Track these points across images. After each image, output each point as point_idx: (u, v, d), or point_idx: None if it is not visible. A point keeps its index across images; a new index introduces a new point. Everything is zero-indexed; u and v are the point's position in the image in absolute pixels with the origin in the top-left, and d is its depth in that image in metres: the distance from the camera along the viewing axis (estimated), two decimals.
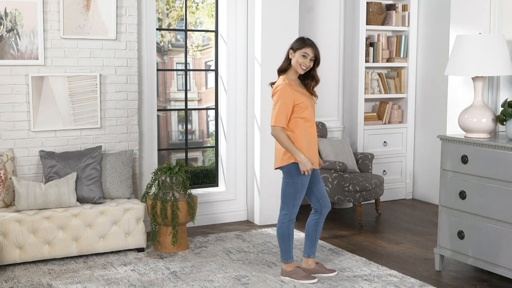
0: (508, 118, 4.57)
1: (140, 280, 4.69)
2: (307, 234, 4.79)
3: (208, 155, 7.48)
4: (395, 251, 5.49)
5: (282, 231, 4.63)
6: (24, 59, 5.29)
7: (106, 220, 5.16)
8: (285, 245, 4.66)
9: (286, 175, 4.56)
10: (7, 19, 5.21)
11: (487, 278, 4.79)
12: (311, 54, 4.47)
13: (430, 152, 7.30)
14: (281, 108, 4.42)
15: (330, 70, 7.12)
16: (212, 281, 4.68)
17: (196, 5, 6.98)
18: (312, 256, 4.81)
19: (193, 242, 5.66)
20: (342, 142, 6.79)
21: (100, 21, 5.53)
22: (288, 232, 4.62)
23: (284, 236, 4.64)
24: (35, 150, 5.40)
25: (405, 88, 7.40)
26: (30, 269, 4.89)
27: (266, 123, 6.17)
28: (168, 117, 7.30)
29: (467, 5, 5.18)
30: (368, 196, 6.28)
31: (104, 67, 5.61)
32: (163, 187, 5.31)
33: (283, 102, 4.42)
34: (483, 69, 4.59)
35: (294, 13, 6.23)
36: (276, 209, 6.21)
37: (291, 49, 4.52)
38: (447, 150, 4.80)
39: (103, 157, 5.47)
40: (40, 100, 5.35)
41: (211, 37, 6.95)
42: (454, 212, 4.78)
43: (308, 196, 4.72)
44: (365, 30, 7.07)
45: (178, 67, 7.33)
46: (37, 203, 5.06)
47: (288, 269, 4.71)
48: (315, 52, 4.49)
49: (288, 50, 4.55)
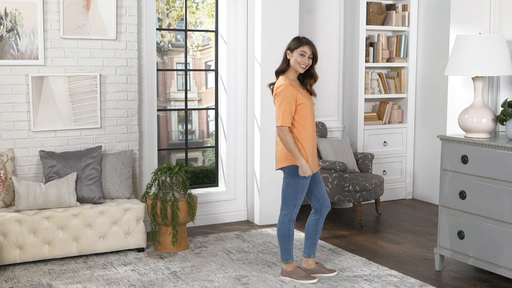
0: (508, 118, 4.57)
1: (140, 280, 4.69)
2: (307, 234, 4.79)
3: (208, 155, 7.48)
4: (395, 251, 5.49)
5: (282, 231, 4.64)
6: (24, 59, 5.29)
7: (106, 220, 5.16)
8: (285, 245, 4.66)
9: (287, 176, 4.56)
10: (7, 19, 5.21)
11: (487, 278, 4.79)
12: (309, 52, 4.48)
13: (430, 152, 7.30)
14: (286, 108, 4.42)
15: (330, 70, 7.12)
16: (212, 281, 4.68)
17: (196, 5, 6.97)
18: (312, 256, 4.81)
19: (193, 242, 5.66)
20: (342, 142, 6.79)
21: (100, 21, 5.53)
22: (288, 232, 4.63)
23: (284, 236, 4.64)
24: (35, 150, 5.40)
25: (405, 88, 7.40)
26: (30, 269, 4.89)
27: (266, 123, 6.17)
28: (168, 117, 7.30)
29: (467, 5, 5.18)
30: (368, 196, 6.28)
31: (104, 67, 5.61)
32: (163, 187, 5.31)
33: (287, 102, 4.42)
34: (483, 69, 4.59)
35: (294, 13, 6.23)
36: (276, 209, 6.21)
37: (288, 49, 4.52)
38: (447, 150, 4.80)
39: (103, 157, 5.47)
40: (40, 100, 5.35)
41: (211, 37, 6.95)
42: (454, 212, 4.78)
43: (308, 196, 4.72)
44: (365, 30, 7.07)
45: (178, 67, 7.33)
46: (37, 203, 5.06)
47: (288, 269, 4.71)
48: (313, 50, 4.49)
49: (285, 51, 4.55)
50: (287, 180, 4.56)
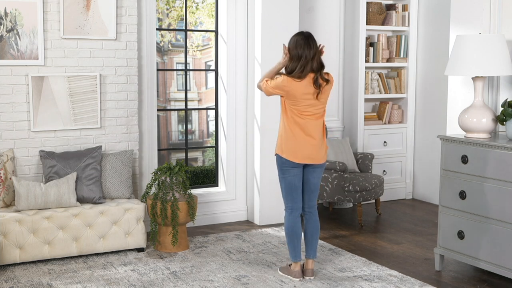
0: (508, 118, 4.57)
1: (140, 280, 4.69)
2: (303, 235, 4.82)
3: (208, 155, 7.48)
4: (395, 251, 5.49)
5: (285, 227, 4.68)
6: (24, 59, 5.29)
7: (106, 220, 5.16)
8: (288, 241, 4.67)
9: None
10: (7, 19, 5.21)
11: (487, 278, 4.79)
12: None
13: (430, 152, 7.30)
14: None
15: (330, 70, 7.10)
16: (212, 281, 4.68)
17: (196, 5, 6.98)
18: (307, 257, 4.77)
19: (193, 242, 5.66)
20: (342, 142, 6.79)
21: (100, 21, 5.53)
22: (291, 228, 4.61)
23: (286, 232, 4.66)
24: (35, 150, 5.40)
25: (405, 88, 7.40)
26: (30, 269, 4.89)
27: (266, 123, 6.17)
28: (168, 117, 7.30)
29: (467, 5, 5.18)
30: (368, 196, 6.28)
31: (104, 67, 5.61)
32: (163, 187, 5.31)
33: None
34: (483, 69, 4.59)
35: (294, 13, 6.23)
36: (276, 209, 6.23)
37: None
38: (447, 150, 4.80)
39: (103, 157, 5.47)
40: (40, 100, 5.35)
41: (211, 37, 6.95)
42: (454, 212, 4.78)
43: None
44: (365, 30, 7.07)
45: (178, 67, 7.33)
46: (37, 203, 5.06)
47: (291, 267, 4.72)
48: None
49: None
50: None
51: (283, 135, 4.52)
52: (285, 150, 4.50)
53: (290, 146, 4.49)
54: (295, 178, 4.56)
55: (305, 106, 4.45)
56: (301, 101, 4.43)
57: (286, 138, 4.50)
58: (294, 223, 4.62)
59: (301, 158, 4.50)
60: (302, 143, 4.48)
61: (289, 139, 4.49)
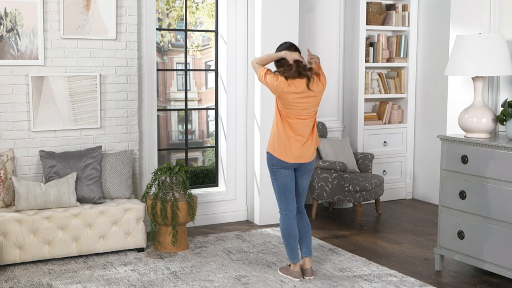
0: (508, 118, 4.57)
1: (140, 280, 4.69)
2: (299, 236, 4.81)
3: (208, 155, 7.48)
4: (395, 251, 5.49)
5: (281, 230, 4.69)
6: (24, 59, 5.29)
7: (106, 220, 5.16)
8: (285, 243, 4.68)
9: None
10: (7, 19, 5.21)
11: (487, 278, 4.79)
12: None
13: (430, 152, 7.30)
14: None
15: (330, 70, 7.12)
16: (212, 281, 4.68)
17: (196, 5, 6.97)
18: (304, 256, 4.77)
19: (193, 242, 5.66)
20: (342, 142, 6.79)
21: (100, 21, 5.53)
22: (286, 230, 4.63)
23: (283, 234, 4.67)
24: (35, 150, 5.40)
25: (405, 88, 7.40)
26: (30, 269, 4.89)
27: (266, 123, 6.17)
28: (168, 117, 7.30)
29: (467, 5, 5.18)
30: (368, 196, 6.28)
31: (104, 67, 5.61)
32: (163, 187, 5.31)
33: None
34: (483, 69, 4.59)
35: (294, 13, 6.23)
36: (276, 209, 6.21)
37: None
38: (447, 150, 4.80)
39: (103, 157, 5.47)
40: (40, 100, 5.35)
41: (211, 37, 6.95)
42: (454, 212, 4.78)
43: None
44: (365, 30, 7.07)
45: (178, 67, 7.33)
46: (37, 203, 5.06)
47: (290, 268, 4.72)
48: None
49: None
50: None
51: (275, 134, 4.57)
52: (277, 149, 4.55)
53: (281, 146, 4.54)
54: (287, 178, 4.59)
55: (298, 110, 4.49)
56: (293, 105, 4.47)
57: (279, 137, 4.54)
58: (290, 225, 4.64)
59: (291, 158, 4.55)
60: (292, 143, 4.54)
61: (281, 139, 4.53)
